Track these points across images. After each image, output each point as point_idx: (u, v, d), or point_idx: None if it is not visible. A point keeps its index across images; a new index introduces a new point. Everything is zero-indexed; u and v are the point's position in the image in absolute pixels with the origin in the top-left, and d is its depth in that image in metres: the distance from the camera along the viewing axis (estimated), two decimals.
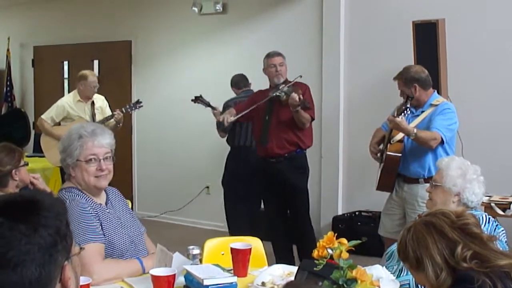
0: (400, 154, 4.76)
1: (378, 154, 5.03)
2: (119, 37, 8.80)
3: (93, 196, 3.01)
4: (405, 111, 4.61)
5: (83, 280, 2.40)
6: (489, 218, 3.20)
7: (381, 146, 5.05)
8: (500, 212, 5.04)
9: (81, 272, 2.59)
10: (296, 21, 7.32)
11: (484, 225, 3.12)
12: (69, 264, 1.34)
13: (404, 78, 4.84)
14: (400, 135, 4.75)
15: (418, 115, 4.78)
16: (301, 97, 5.37)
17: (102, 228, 2.89)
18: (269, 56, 5.79)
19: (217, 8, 7.82)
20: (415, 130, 4.54)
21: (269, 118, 5.67)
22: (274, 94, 5.55)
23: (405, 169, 4.80)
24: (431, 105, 4.76)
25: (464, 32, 6.13)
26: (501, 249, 2.72)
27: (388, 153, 4.80)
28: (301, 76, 5.84)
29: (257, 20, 7.67)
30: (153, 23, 8.51)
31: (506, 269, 1.97)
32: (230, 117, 5.62)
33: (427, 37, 5.73)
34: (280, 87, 5.59)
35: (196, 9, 7.91)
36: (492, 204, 5.07)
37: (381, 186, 5.01)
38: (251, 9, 7.72)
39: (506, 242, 3.13)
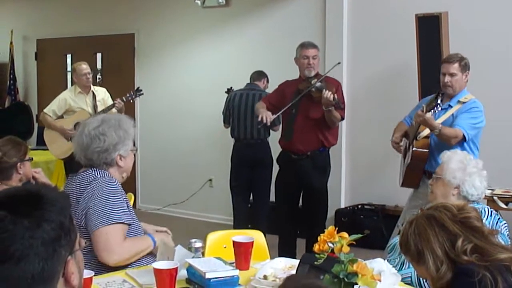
0: (427, 150, 4.68)
1: (402, 148, 4.96)
2: (122, 30, 8.80)
3: None
4: (436, 107, 4.55)
5: (85, 274, 2.42)
6: (491, 212, 3.21)
7: (402, 142, 5.00)
8: (503, 206, 5.04)
9: (103, 250, 2.74)
10: (298, 15, 7.31)
11: (486, 219, 3.13)
12: (72, 258, 1.35)
13: (464, 63, 4.73)
14: (426, 131, 4.67)
15: (445, 109, 4.70)
16: (335, 96, 5.13)
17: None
18: (303, 46, 5.47)
19: (220, 1, 7.81)
20: (440, 126, 4.49)
21: (296, 112, 5.41)
22: (307, 90, 5.27)
23: (430, 166, 4.66)
24: (459, 102, 4.68)
25: (467, 25, 6.11)
26: (502, 242, 2.73)
27: (414, 149, 4.71)
28: (339, 63, 5.79)
29: (259, 13, 7.66)
30: (156, 16, 8.50)
31: (506, 263, 1.98)
32: (271, 116, 5.30)
33: (430, 30, 5.72)
34: (312, 82, 5.31)
35: (199, 2, 7.92)
36: (495, 198, 5.07)
37: (406, 183, 4.91)
38: (254, 2, 7.71)
39: (508, 235, 3.14)
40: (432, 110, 4.53)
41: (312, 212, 5.66)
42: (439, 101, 4.60)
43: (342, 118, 5.49)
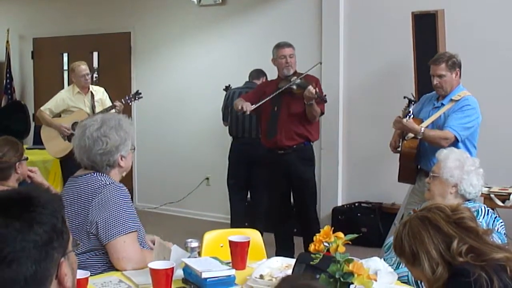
0: (414, 150, 4.69)
1: (399, 148, 4.96)
2: (118, 28, 8.78)
3: None
4: (409, 114, 4.56)
5: (81, 274, 2.41)
6: (487, 210, 3.21)
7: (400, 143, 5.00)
8: (500, 203, 5.04)
9: (123, 259, 2.75)
10: (295, 13, 7.30)
11: (483, 217, 3.13)
12: (65, 260, 1.34)
13: (452, 62, 4.67)
14: None
15: (438, 107, 4.70)
16: (317, 90, 5.30)
17: None
18: (279, 46, 5.65)
19: None
20: (422, 129, 4.50)
21: (278, 109, 5.56)
22: (287, 86, 5.45)
23: (426, 165, 4.64)
24: (451, 100, 4.64)
25: (464, 22, 6.11)
26: (499, 241, 2.73)
27: (402, 149, 4.76)
28: (321, 63, 5.86)
29: (256, 11, 7.65)
30: (153, 14, 8.49)
31: (502, 262, 1.98)
32: (250, 106, 5.48)
33: (426, 28, 5.72)
34: (292, 79, 5.49)
35: (195, 0, 7.90)
36: (492, 195, 5.06)
37: (402, 179, 4.96)
38: (250, 0, 7.70)
39: (505, 233, 3.14)
40: (407, 117, 4.54)
41: (303, 205, 5.72)
42: (410, 109, 4.61)
43: (322, 113, 5.61)
